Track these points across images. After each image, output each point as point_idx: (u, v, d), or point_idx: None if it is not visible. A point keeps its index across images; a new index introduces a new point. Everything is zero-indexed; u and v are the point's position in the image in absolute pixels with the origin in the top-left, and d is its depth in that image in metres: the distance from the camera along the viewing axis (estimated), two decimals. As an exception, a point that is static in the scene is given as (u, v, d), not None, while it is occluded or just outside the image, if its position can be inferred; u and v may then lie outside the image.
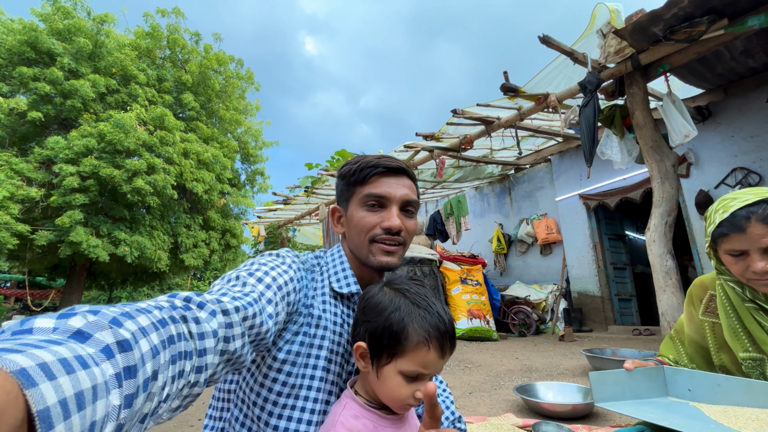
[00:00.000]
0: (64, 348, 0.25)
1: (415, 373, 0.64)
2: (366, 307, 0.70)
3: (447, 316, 0.68)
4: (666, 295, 3.03)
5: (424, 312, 0.66)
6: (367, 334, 0.67)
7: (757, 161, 4.57)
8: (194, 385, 0.43)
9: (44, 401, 0.21)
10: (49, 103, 8.98)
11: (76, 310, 0.31)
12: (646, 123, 3.25)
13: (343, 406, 0.68)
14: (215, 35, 12.73)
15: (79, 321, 0.30)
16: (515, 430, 1.78)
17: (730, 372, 1.04)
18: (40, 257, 9.62)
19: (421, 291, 0.70)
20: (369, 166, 0.79)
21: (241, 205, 13.10)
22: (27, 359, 0.22)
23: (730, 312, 1.01)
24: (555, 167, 6.87)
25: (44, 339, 0.26)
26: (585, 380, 2.79)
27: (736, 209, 0.89)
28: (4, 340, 0.25)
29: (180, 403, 0.42)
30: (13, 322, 0.29)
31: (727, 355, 1.03)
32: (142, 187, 8.83)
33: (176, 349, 0.38)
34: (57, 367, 0.23)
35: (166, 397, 0.37)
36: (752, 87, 4.40)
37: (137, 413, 0.31)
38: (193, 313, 0.44)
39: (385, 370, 0.65)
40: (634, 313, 6.10)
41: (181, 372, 0.39)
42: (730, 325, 1.00)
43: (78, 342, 0.28)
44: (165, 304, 0.42)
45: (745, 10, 2.76)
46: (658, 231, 3.13)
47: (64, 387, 0.23)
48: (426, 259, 5.68)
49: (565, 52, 3.43)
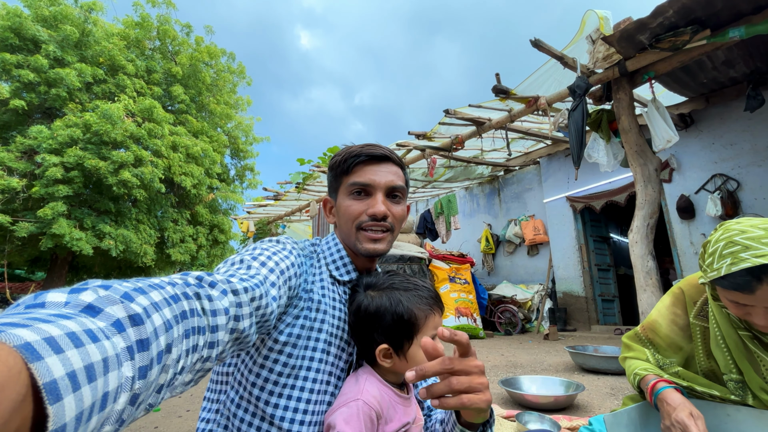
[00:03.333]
0: (72, 322, 0.25)
1: (431, 337, 0.73)
2: (367, 317, 0.75)
3: (428, 284, 0.80)
4: (646, 294, 3.14)
5: (415, 292, 0.76)
6: (383, 336, 0.73)
7: (736, 168, 4.75)
8: (206, 359, 0.44)
9: (50, 374, 0.21)
10: (32, 91, 8.72)
11: (89, 284, 0.32)
12: (632, 128, 3.36)
13: (366, 379, 0.74)
14: (207, 27, 12.55)
15: (90, 295, 0.30)
16: (499, 420, 1.84)
17: (717, 379, 1.02)
18: (19, 249, 9.34)
19: (401, 278, 0.79)
20: (352, 155, 0.81)
21: (230, 200, 12.95)
22: (32, 333, 0.22)
23: (717, 333, 0.99)
24: (543, 169, 7.00)
25: (54, 313, 0.26)
26: (568, 375, 2.87)
27: (746, 267, 0.77)
28: (14, 314, 0.25)
29: (192, 377, 0.44)
30: (28, 296, 0.29)
31: (716, 363, 1.02)
32: (128, 180, 8.66)
33: (189, 324, 0.39)
34: (65, 341, 0.23)
35: (181, 369, 0.38)
36: (732, 96, 4.57)
37: (153, 384, 0.33)
38: (206, 290, 0.45)
39: (410, 352, 0.73)
40: (616, 314, 6.26)
41: (195, 346, 0.40)
42: (718, 344, 0.99)
43: (89, 316, 0.28)
44: (179, 281, 0.43)
45: (727, 21, 2.88)
46: (640, 232, 3.23)
47: (73, 360, 0.23)
48: (416, 258, 5.74)
49: (555, 56, 3.51)
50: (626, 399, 1.30)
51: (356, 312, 0.77)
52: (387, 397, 0.73)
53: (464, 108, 4.45)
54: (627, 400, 1.29)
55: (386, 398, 0.73)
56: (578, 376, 2.86)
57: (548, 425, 1.69)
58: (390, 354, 0.73)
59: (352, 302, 0.80)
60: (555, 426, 1.65)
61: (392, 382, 0.77)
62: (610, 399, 2.24)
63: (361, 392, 0.71)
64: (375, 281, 0.80)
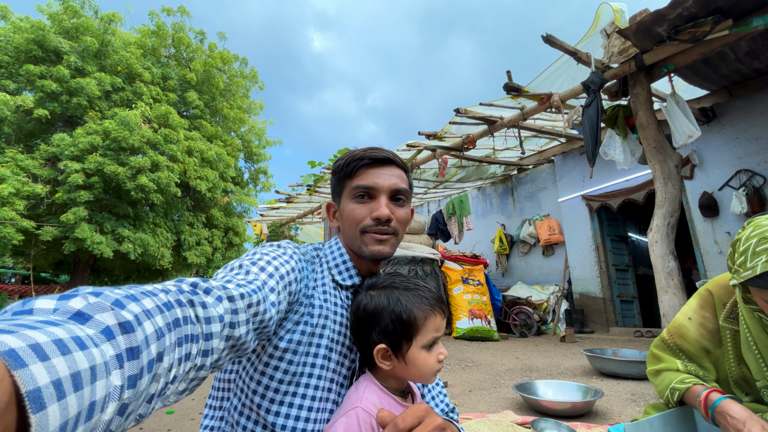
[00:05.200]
0: (60, 329, 0.25)
1: (432, 340, 0.72)
2: (366, 316, 0.73)
3: (431, 285, 0.78)
4: (668, 296, 3.02)
5: (416, 292, 0.73)
6: (381, 336, 0.71)
7: (762, 163, 4.54)
8: (200, 368, 0.44)
9: (34, 382, 0.21)
10: (55, 100, 9.05)
11: (79, 291, 0.31)
12: (650, 123, 3.24)
13: (365, 387, 0.72)
14: (219, 34, 12.81)
15: (79, 302, 0.30)
16: (514, 426, 1.79)
17: (748, 386, 0.98)
18: (44, 253, 9.70)
19: (402, 278, 0.77)
20: (355, 158, 0.80)
21: (244, 203, 13.16)
22: (17, 340, 0.21)
23: (748, 336, 0.95)
24: (558, 168, 6.85)
25: (41, 320, 0.26)
26: (585, 380, 2.78)
27: None
28: (0, 321, 0.25)
29: (186, 386, 0.43)
30: (15, 303, 0.29)
31: (748, 369, 0.98)
32: (146, 185, 8.89)
33: (182, 332, 0.39)
34: (51, 348, 0.23)
35: (173, 378, 0.37)
36: (757, 89, 4.38)
37: (143, 393, 0.32)
38: (200, 297, 0.45)
39: (409, 354, 0.70)
40: (636, 315, 6.07)
41: (188, 355, 0.40)
42: (750, 348, 0.94)
43: (77, 323, 0.28)
44: (172, 288, 0.42)
45: (750, 10, 2.75)
46: (660, 232, 3.12)
47: (59, 367, 0.22)
48: (428, 259, 5.68)
49: (568, 52, 3.43)
50: (648, 407, 1.24)
51: (356, 312, 0.75)
52: (387, 404, 0.70)
53: (475, 107, 4.38)
54: (649, 408, 1.23)
55: (386, 406, 0.70)
56: (596, 380, 2.77)
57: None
58: (389, 355, 0.71)
59: (352, 304, 0.78)
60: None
61: (394, 388, 0.74)
62: (631, 406, 2.15)
63: (360, 400, 0.68)
64: (376, 281, 0.78)
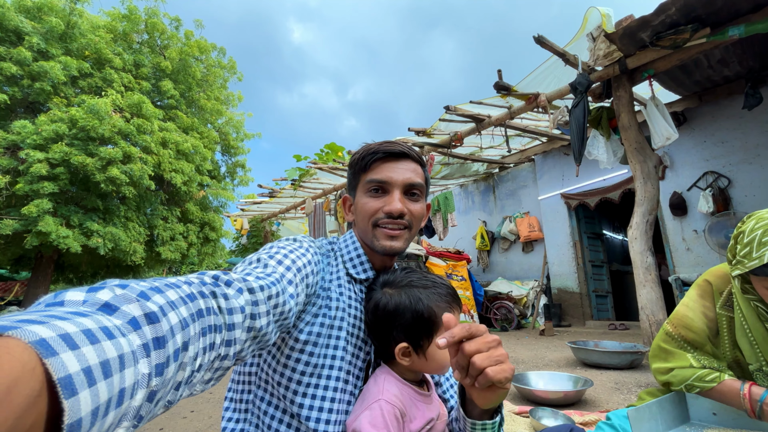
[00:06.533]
0: (89, 320, 0.26)
1: None
2: (386, 315, 0.74)
3: (446, 281, 0.80)
4: (645, 289, 3.18)
5: (434, 289, 0.75)
6: (403, 335, 0.72)
7: (727, 165, 4.84)
8: (224, 357, 0.45)
9: (65, 369, 0.22)
10: (15, 84, 8.44)
11: (106, 283, 0.33)
12: (631, 125, 3.39)
13: (384, 379, 0.73)
14: (197, 21, 12.30)
15: (106, 294, 0.31)
16: (512, 416, 1.84)
17: (741, 369, 1.04)
18: (3, 248, 9.05)
19: (418, 275, 0.78)
20: (370, 152, 0.81)
21: (221, 197, 12.76)
22: (48, 330, 0.22)
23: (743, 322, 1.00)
24: (538, 167, 7.05)
25: (71, 311, 0.27)
26: (570, 370, 2.89)
27: None
28: (32, 312, 0.26)
29: (212, 376, 0.44)
30: (49, 294, 0.30)
31: (741, 353, 1.03)
32: (117, 177, 8.44)
33: (206, 322, 0.40)
34: (80, 337, 0.24)
35: (199, 367, 0.39)
36: (724, 95, 4.66)
37: (170, 381, 0.33)
38: (222, 289, 0.46)
39: (429, 350, 0.72)
40: (609, 309, 6.36)
41: (212, 344, 0.41)
42: (744, 334, 1.00)
43: (105, 314, 0.29)
44: (195, 280, 0.44)
45: (727, 20, 2.92)
46: (639, 229, 3.27)
47: (88, 356, 0.23)
48: (413, 254, 5.73)
49: (557, 53, 3.52)
50: (643, 394, 1.30)
51: (374, 310, 0.76)
52: (407, 395, 0.73)
53: (465, 104, 4.44)
54: (645, 395, 1.29)
55: (407, 396, 0.72)
56: (581, 371, 2.89)
57: (562, 420, 1.69)
58: (409, 352, 0.73)
59: (368, 300, 0.79)
60: (569, 421, 1.66)
61: (411, 380, 0.76)
62: (616, 393, 2.26)
63: (382, 392, 0.70)
64: (392, 279, 0.78)
